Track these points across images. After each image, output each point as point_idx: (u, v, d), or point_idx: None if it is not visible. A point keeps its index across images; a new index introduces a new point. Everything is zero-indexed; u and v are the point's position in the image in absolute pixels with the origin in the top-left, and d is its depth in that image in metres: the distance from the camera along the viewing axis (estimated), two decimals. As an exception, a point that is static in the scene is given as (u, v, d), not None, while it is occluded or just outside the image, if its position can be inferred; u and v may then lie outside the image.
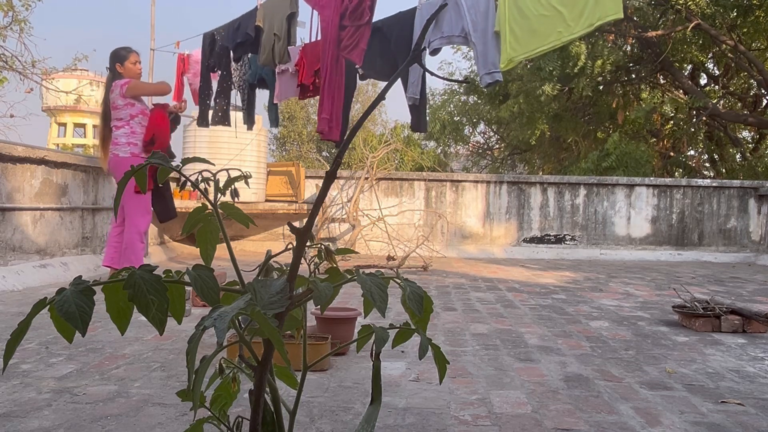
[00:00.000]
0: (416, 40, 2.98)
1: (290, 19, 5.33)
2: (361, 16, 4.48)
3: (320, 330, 3.00)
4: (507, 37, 4.07)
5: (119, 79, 4.63)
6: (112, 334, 3.29)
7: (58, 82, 15.92)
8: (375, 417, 1.30)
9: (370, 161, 9.70)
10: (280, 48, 5.36)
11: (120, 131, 4.58)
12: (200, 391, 1.07)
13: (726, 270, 8.31)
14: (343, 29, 4.66)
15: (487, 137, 22.88)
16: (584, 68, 12.27)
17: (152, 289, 1.02)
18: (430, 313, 1.23)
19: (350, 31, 4.59)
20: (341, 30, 4.66)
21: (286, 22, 5.31)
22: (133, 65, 4.66)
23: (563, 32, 3.84)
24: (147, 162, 1.16)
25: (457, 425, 2.02)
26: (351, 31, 4.58)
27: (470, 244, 9.95)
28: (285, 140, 24.37)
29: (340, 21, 4.64)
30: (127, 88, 4.54)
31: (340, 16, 4.63)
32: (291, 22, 5.34)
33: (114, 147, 4.59)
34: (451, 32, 4.49)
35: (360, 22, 4.51)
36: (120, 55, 4.66)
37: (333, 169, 1.13)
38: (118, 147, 4.56)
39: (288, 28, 5.31)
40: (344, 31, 4.65)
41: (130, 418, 2.03)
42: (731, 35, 13.03)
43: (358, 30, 4.53)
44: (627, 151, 12.80)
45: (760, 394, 2.46)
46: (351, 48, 4.56)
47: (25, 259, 5.37)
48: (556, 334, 3.56)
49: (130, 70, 4.64)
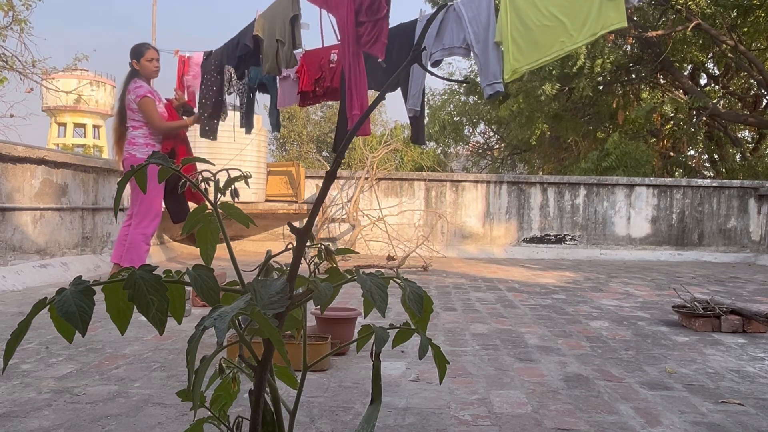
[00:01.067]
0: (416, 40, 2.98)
1: (293, 21, 5.28)
2: (378, 10, 4.45)
3: (320, 330, 3.00)
4: (510, 48, 4.06)
5: (137, 78, 4.55)
6: (112, 334, 3.29)
7: (58, 82, 15.92)
8: (375, 417, 1.30)
9: (370, 161, 9.70)
10: (285, 53, 5.30)
11: (138, 131, 4.52)
12: (200, 391, 1.07)
13: (726, 270, 8.31)
14: (360, 25, 4.62)
15: (487, 137, 22.89)
16: (583, 68, 12.27)
17: (152, 289, 1.02)
18: (430, 313, 1.23)
19: (369, 27, 4.56)
20: (359, 27, 4.63)
21: (290, 25, 5.26)
22: (148, 62, 4.56)
23: (566, 42, 3.83)
24: (147, 162, 1.16)
25: (457, 425, 2.02)
26: (369, 26, 4.55)
27: (470, 244, 9.96)
28: (285, 140, 24.37)
29: (356, 18, 4.62)
30: (138, 103, 4.48)
31: (356, 13, 4.60)
32: (294, 24, 5.28)
33: (131, 147, 4.52)
34: (452, 44, 4.49)
35: (378, 16, 4.48)
36: (137, 51, 4.59)
37: (333, 169, 1.13)
38: (136, 147, 4.51)
39: (292, 30, 5.26)
40: (362, 27, 4.61)
41: (130, 418, 2.03)
42: (731, 35, 13.03)
43: (377, 24, 4.50)
44: (627, 151, 12.80)
45: (760, 394, 2.46)
46: (372, 42, 4.52)
47: (25, 259, 5.37)
48: (556, 334, 3.56)
49: (145, 67, 4.57)
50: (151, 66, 4.57)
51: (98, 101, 35.70)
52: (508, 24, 4.08)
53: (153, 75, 4.63)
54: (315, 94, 5.54)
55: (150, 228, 4.38)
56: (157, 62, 4.62)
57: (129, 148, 4.52)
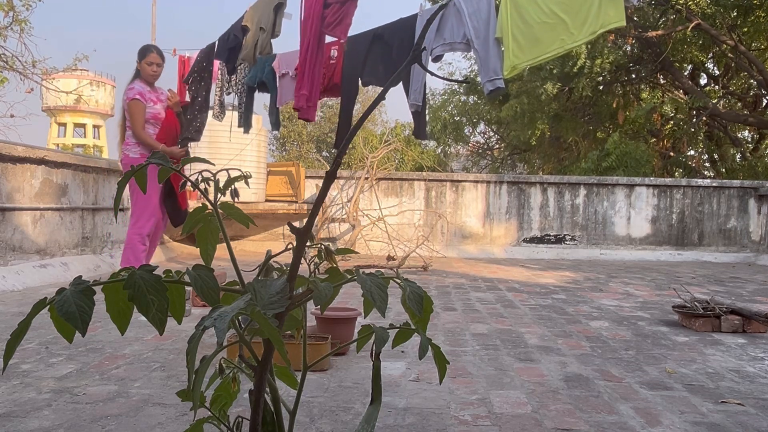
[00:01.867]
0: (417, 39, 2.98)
1: (277, 9, 5.27)
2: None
3: (320, 330, 3.00)
4: (510, 44, 4.07)
5: (138, 79, 4.55)
6: (112, 334, 3.29)
7: (58, 82, 15.91)
8: (375, 417, 1.30)
9: (370, 161, 9.70)
10: (263, 40, 5.29)
11: (130, 132, 4.56)
12: (200, 391, 1.07)
13: (726, 270, 8.31)
14: (327, 7, 4.64)
15: (487, 137, 22.88)
16: (584, 68, 12.27)
17: (152, 289, 1.02)
18: (430, 313, 1.23)
19: (335, 8, 4.58)
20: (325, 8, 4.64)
21: (273, 13, 5.26)
22: (147, 66, 4.54)
23: (566, 40, 3.84)
24: (147, 162, 1.16)
25: (457, 425, 2.02)
26: (336, 8, 4.57)
27: (470, 244, 9.95)
28: (285, 140, 24.37)
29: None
30: (127, 105, 4.49)
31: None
32: (278, 12, 5.28)
33: (126, 147, 4.56)
34: (452, 39, 4.49)
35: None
36: (140, 52, 4.59)
37: (333, 169, 1.13)
38: (129, 147, 4.55)
39: (274, 19, 5.25)
40: (328, 9, 4.63)
41: (130, 418, 2.03)
42: (731, 35, 13.03)
43: (344, 6, 4.52)
44: (627, 151, 12.80)
45: (760, 394, 2.46)
46: (335, 24, 4.54)
47: (25, 259, 5.37)
48: (556, 334, 3.56)
49: (143, 69, 4.57)
50: (149, 70, 4.56)
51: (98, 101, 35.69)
52: (509, 20, 4.08)
53: (150, 79, 4.59)
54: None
55: (145, 228, 4.38)
56: (157, 67, 4.58)
57: (124, 148, 4.57)
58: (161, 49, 4.68)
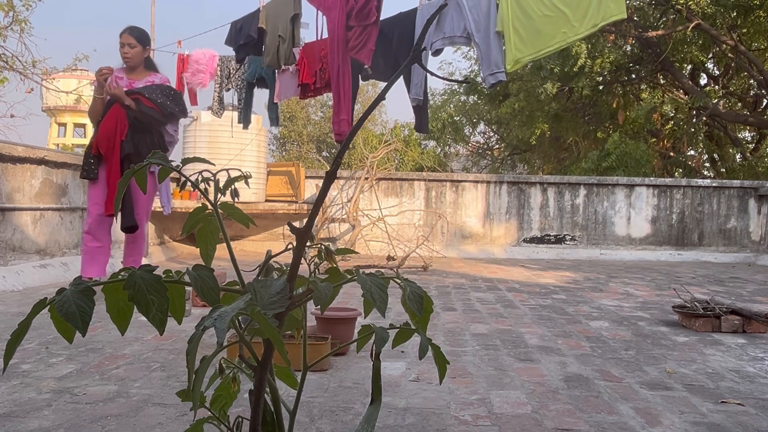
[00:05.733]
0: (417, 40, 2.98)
1: (294, 20, 5.34)
2: (368, 16, 4.48)
3: (320, 330, 3.00)
4: (512, 37, 4.06)
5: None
6: (112, 334, 3.29)
7: (58, 82, 15.90)
8: (375, 417, 1.30)
9: (370, 161, 9.69)
10: (285, 50, 5.37)
11: None
12: (200, 391, 1.07)
13: (726, 270, 8.31)
14: (350, 29, 4.66)
15: (487, 137, 22.87)
16: (584, 67, 12.27)
17: (152, 289, 1.02)
18: (430, 313, 1.23)
19: (357, 32, 4.59)
20: (348, 30, 4.66)
21: (290, 24, 5.33)
22: (120, 48, 4.30)
23: (568, 33, 3.84)
24: (147, 162, 1.16)
25: (457, 425, 2.02)
26: (358, 31, 4.59)
27: (470, 244, 9.95)
28: (285, 140, 24.37)
29: (347, 21, 4.65)
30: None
31: (347, 17, 4.62)
32: (295, 23, 5.35)
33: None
34: (453, 32, 4.49)
35: (367, 21, 4.50)
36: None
37: (333, 169, 1.13)
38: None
39: (292, 29, 5.33)
40: (351, 32, 4.65)
41: (130, 418, 2.03)
42: (731, 35, 13.03)
43: (365, 30, 4.53)
44: (627, 151, 12.80)
45: (760, 394, 2.46)
46: (359, 48, 4.56)
47: (25, 259, 5.37)
48: (556, 334, 3.56)
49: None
50: (121, 52, 4.30)
51: (98, 101, 35.64)
52: (509, 13, 4.08)
53: (124, 62, 4.34)
54: (315, 86, 5.57)
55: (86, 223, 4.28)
56: (129, 48, 4.27)
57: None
58: (141, 30, 4.38)
